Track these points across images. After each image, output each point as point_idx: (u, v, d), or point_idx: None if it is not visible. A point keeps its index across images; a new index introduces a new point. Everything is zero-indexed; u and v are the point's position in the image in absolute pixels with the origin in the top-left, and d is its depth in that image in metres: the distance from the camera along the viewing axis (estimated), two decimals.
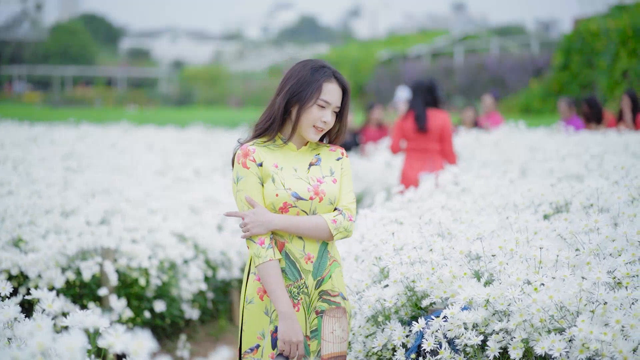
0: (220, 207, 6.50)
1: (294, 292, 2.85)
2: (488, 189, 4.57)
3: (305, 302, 2.87)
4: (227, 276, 6.00)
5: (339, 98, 2.87)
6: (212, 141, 12.18)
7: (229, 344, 5.68)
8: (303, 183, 2.86)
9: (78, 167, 7.08)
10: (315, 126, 2.85)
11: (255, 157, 2.83)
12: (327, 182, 2.90)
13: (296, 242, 2.85)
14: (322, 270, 2.89)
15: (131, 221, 5.30)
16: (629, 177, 4.10)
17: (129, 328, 4.86)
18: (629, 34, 17.53)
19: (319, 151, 2.98)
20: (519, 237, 3.19)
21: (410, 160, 7.48)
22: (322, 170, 2.93)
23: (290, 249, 2.85)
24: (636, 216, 3.43)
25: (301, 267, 2.86)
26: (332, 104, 2.85)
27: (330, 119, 2.86)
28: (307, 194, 2.84)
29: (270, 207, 2.83)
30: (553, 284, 2.81)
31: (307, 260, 2.87)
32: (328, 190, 2.88)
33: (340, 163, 2.97)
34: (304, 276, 2.86)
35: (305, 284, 2.86)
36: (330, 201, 2.88)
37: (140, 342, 1.75)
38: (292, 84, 2.84)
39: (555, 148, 7.52)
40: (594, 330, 2.61)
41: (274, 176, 2.83)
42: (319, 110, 2.84)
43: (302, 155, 2.93)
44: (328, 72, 2.87)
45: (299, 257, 2.85)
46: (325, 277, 2.90)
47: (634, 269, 2.91)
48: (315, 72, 2.85)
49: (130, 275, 4.94)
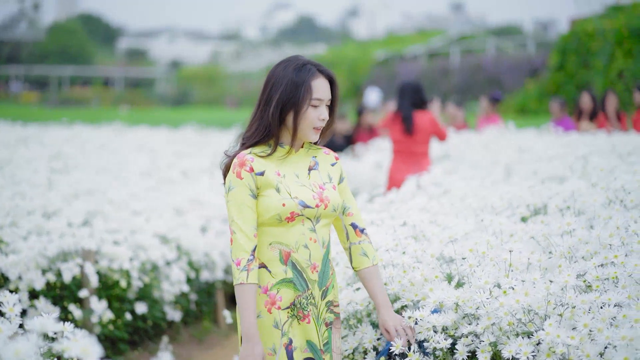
0: (205, 208, 6.49)
1: (303, 304, 2.76)
2: (468, 191, 4.56)
3: (314, 313, 2.79)
4: (211, 278, 5.99)
5: (328, 91, 2.80)
6: (204, 142, 12.16)
7: (212, 346, 5.68)
8: (307, 190, 2.78)
9: (64, 168, 7.07)
10: (315, 127, 2.78)
11: (253, 166, 2.73)
12: (328, 189, 2.83)
13: (302, 252, 2.76)
14: (325, 279, 2.82)
15: (113, 222, 5.29)
16: (606, 179, 4.10)
17: (110, 330, 4.85)
18: (624, 35, 17.53)
19: (315, 153, 2.91)
20: (490, 239, 3.18)
21: (397, 162, 7.51)
22: (322, 175, 2.86)
23: (296, 259, 2.75)
24: (611, 218, 3.42)
25: (308, 277, 2.77)
26: (325, 99, 2.78)
27: (327, 115, 2.79)
28: (312, 201, 2.76)
29: (275, 218, 2.71)
30: (522, 287, 2.80)
31: (313, 270, 2.78)
32: (331, 197, 2.81)
33: (337, 170, 2.92)
34: (311, 286, 2.78)
35: (312, 295, 2.78)
36: (333, 208, 2.81)
37: (85, 347, 1.74)
38: (281, 91, 2.74)
39: (544, 149, 7.51)
40: (561, 334, 2.60)
41: (279, 185, 2.74)
42: (315, 110, 2.76)
43: (300, 159, 2.85)
44: (312, 69, 2.77)
45: (305, 266, 2.76)
46: (329, 286, 2.84)
47: (606, 272, 2.90)
48: (299, 73, 2.76)
49: (112, 277, 4.93)
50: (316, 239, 2.78)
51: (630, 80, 16.66)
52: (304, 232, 2.76)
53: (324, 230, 2.81)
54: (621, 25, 17.82)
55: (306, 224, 2.76)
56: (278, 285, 2.73)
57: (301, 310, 2.75)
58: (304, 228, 2.76)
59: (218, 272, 5.94)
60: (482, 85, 24.68)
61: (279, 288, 2.73)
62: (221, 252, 6.05)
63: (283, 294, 2.73)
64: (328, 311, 2.83)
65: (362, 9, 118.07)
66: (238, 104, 37.00)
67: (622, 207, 3.57)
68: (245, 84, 40.24)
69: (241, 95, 38.02)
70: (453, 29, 48.39)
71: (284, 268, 2.74)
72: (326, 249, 2.82)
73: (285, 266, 2.74)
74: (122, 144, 10.05)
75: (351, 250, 2.92)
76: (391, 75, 28.46)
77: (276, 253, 2.75)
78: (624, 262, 2.87)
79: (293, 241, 2.75)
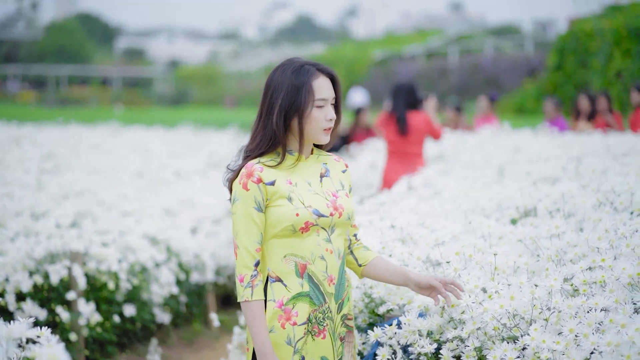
0: (196, 209, 6.45)
1: (319, 318, 2.64)
2: (459, 192, 4.52)
3: (331, 328, 2.68)
4: (201, 279, 5.94)
5: (331, 89, 2.69)
6: (200, 142, 12.11)
7: (202, 348, 5.64)
8: (321, 199, 2.67)
9: (55, 169, 7.02)
10: (324, 129, 2.67)
11: (262, 177, 2.61)
12: (342, 197, 2.73)
13: (319, 263, 2.64)
14: (341, 292, 2.71)
15: (103, 224, 5.24)
16: (598, 180, 4.06)
17: (98, 332, 4.81)
18: (623, 34, 17.50)
19: (325, 160, 2.79)
20: (478, 242, 3.14)
21: (391, 163, 7.51)
22: (334, 182, 2.75)
23: (313, 271, 2.63)
24: (601, 220, 3.37)
25: (325, 289, 2.65)
26: (329, 99, 2.67)
27: (333, 114, 2.68)
28: (327, 210, 2.65)
29: (289, 229, 2.61)
30: (508, 291, 2.76)
31: (330, 282, 2.66)
32: (345, 205, 2.71)
33: (347, 177, 2.82)
34: (328, 300, 2.66)
35: (329, 309, 2.66)
36: (348, 216, 2.71)
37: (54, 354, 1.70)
38: (282, 97, 2.62)
39: (538, 149, 7.48)
40: (547, 339, 2.56)
41: (291, 194, 2.62)
42: (320, 111, 2.65)
43: (311, 165, 2.73)
44: (311, 69, 2.66)
45: (322, 279, 2.64)
46: (344, 299, 2.73)
47: (594, 275, 2.86)
48: (298, 75, 2.64)
49: (100, 279, 4.89)
50: (332, 249, 2.67)
51: (629, 80, 16.63)
52: (319, 243, 2.65)
53: (339, 240, 2.70)
54: (619, 25, 17.80)
55: (321, 234, 2.65)
56: (294, 300, 2.62)
57: (317, 325, 2.64)
58: (319, 238, 2.65)
59: (208, 273, 5.89)
60: (480, 85, 24.65)
61: (295, 303, 2.62)
62: (212, 253, 6.01)
63: (299, 309, 2.62)
64: (343, 325, 2.73)
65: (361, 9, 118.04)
66: (236, 103, 36.96)
67: (612, 210, 3.53)
68: (243, 83, 40.20)
69: (240, 95, 37.98)
70: (451, 28, 48.36)
71: (300, 281, 2.62)
72: (342, 259, 2.72)
73: (302, 279, 2.63)
74: (116, 144, 10.00)
75: (352, 251, 2.85)
76: (389, 76, 28.41)
77: (292, 266, 2.63)
78: (612, 265, 2.83)
79: (309, 252, 2.63)
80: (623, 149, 6.64)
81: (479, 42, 30.66)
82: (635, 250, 2.91)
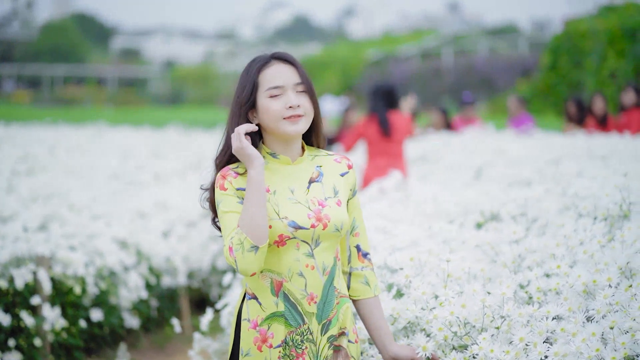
0: (170, 212, 6.37)
1: (297, 341, 2.41)
2: (427, 196, 4.46)
3: (312, 351, 2.43)
4: (173, 283, 5.86)
5: (291, 75, 2.45)
6: (186, 142, 12.03)
7: (174, 353, 5.57)
8: (302, 208, 2.42)
9: (30, 171, 6.94)
10: (285, 118, 2.42)
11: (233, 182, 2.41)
12: (331, 205, 2.45)
13: (296, 280, 2.40)
14: (327, 311, 2.45)
15: (71, 227, 5.17)
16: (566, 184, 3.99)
17: (64, 338, 4.73)
18: (617, 35, 17.45)
19: (321, 162, 2.54)
20: (433, 248, 3.08)
21: (373, 164, 7.44)
22: (325, 189, 2.48)
23: (289, 289, 2.41)
24: (564, 225, 3.30)
25: (303, 309, 2.41)
26: (286, 85, 2.43)
27: (296, 100, 2.42)
28: (307, 221, 2.40)
29: None
30: (460, 298, 2.69)
31: (310, 301, 2.42)
32: (333, 215, 2.44)
33: (347, 181, 2.55)
34: (307, 320, 2.42)
35: (309, 330, 2.43)
36: (336, 227, 2.43)
37: None
38: (237, 97, 2.46)
39: (520, 152, 7.43)
40: (495, 349, 2.50)
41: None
42: (276, 100, 2.42)
43: (300, 169, 2.50)
44: (261, 59, 2.48)
45: (300, 298, 2.41)
46: (332, 319, 2.46)
47: (550, 282, 2.79)
48: (248, 69, 2.47)
49: (66, 283, 4.81)
50: (314, 265, 2.42)
51: (622, 80, 16.59)
52: (298, 258, 2.41)
53: (325, 255, 2.44)
54: (613, 26, 17.75)
55: (302, 248, 2.41)
56: (269, 321, 2.41)
57: (294, 348, 2.41)
58: (299, 253, 2.41)
59: (180, 277, 5.81)
60: (475, 86, 24.60)
61: (270, 323, 2.41)
62: (184, 256, 5.93)
63: (274, 330, 2.41)
64: (330, 347, 2.47)
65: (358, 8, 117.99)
66: None
67: (576, 215, 3.46)
68: None
69: None
70: (447, 28, 48.29)
71: (275, 300, 2.41)
72: (328, 275, 2.45)
73: (277, 298, 2.41)
74: (98, 145, 9.91)
75: (351, 276, 2.58)
76: (384, 76, 28.33)
77: (267, 282, 2.42)
78: (568, 272, 2.76)
79: (285, 269, 2.40)
80: (603, 151, 6.59)
81: (474, 42, 30.60)
82: (594, 257, 2.83)
